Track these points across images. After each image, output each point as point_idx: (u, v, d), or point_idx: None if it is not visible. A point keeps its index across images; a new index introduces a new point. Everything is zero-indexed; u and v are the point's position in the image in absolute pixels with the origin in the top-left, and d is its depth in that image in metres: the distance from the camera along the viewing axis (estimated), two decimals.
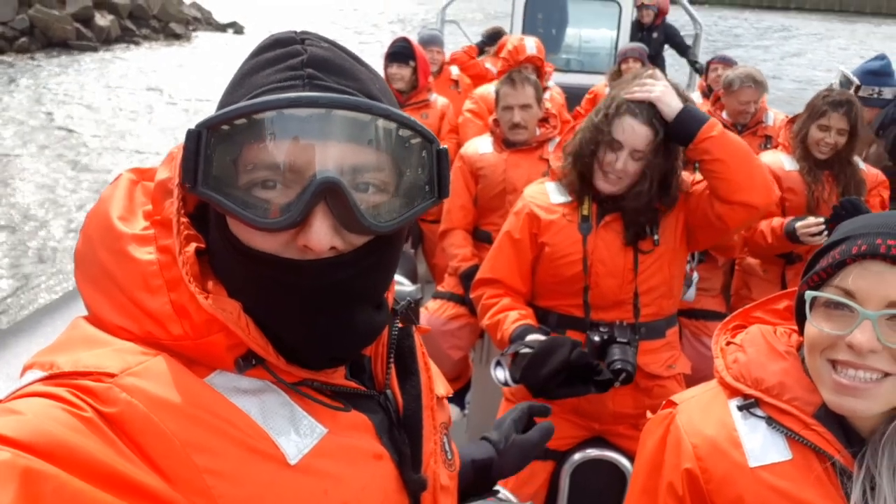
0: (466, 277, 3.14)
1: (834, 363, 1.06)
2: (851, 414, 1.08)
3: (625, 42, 6.49)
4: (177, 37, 20.25)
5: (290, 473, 0.71)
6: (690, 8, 7.05)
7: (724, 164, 1.97)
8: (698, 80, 6.78)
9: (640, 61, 5.12)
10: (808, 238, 2.76)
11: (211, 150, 0.69)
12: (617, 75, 4.92)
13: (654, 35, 7.17)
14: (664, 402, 1.31)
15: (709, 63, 5.46)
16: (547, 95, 3.97)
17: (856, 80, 3.56)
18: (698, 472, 1.14)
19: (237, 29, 22.97)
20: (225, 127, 0.69)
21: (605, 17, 6.89)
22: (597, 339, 2.09)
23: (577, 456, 2.24)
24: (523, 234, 2.19)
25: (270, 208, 0.69)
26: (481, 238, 3.36)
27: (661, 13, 7.31)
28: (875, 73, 3.57)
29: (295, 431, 0.73)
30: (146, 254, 0.73)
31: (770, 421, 1.13)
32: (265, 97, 0.69)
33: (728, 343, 1.27)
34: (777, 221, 2.93)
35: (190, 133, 0.69)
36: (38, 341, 1.92)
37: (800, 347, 1.19)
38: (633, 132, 1.98)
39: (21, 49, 15.84)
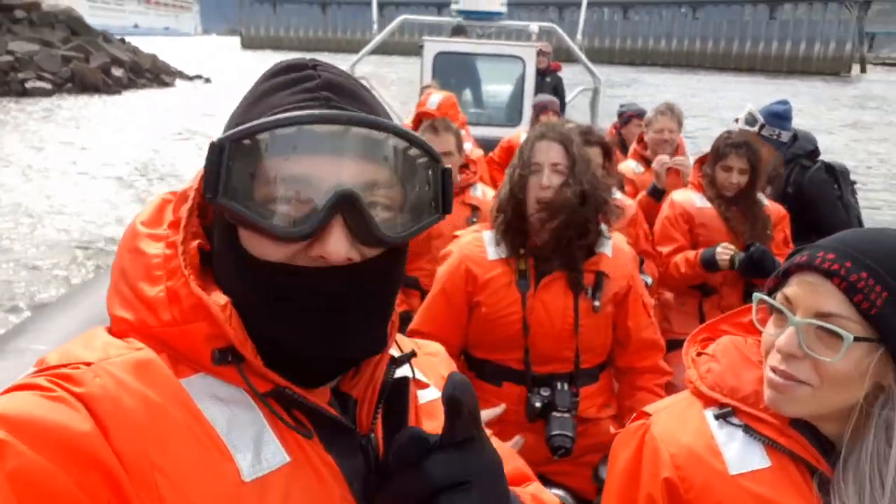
0: None
1: (772, 367, 1.08)
2: (782, 412, 1.09)
3: (530, 94, 6.49)
4: (165, 83, 26.68)
5: (240, 490, 0.69)
6: (589, 63, 7.19)
7: None
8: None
9: (557, 114, 4.97)
10: (724, 261, 2.90)
11: (233, 162, 0.70)
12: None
13: (547, 79, 7.31)
14: (635, 415, 1.29)
15: (629, 116, 5.05)
16: (468, 147, 3.91)
17: (761, 119, 3.52)
18: (678, 481, 1.12)
19: (205, 79, 29.48)
20: (247, 141, 0.70)
21: (511, 72, 6.89)
22: (538, 404, 2.05)
23: None
24: (457, 291, 2.12)
25: (288, 219, 0.71)
26: (408, 284, 3.22)
27: (554, 62, 7.59)
28: (778, 116, 3.55)
29: (255, 451, 0.71)
30: (155, 248, 0.77)
31: (747, 429, 1.11)
32: (288, 114, 0.71)
33: (699, 354, 1.26)
34: (690, 253, 3.05)
35: (213, 145, 0.70)
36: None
37: None
38: (547, 149, 2.04)
39: (66, 92, 21.87)
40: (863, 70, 56.14)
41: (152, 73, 26.79)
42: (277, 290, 0.72)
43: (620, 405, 2.26)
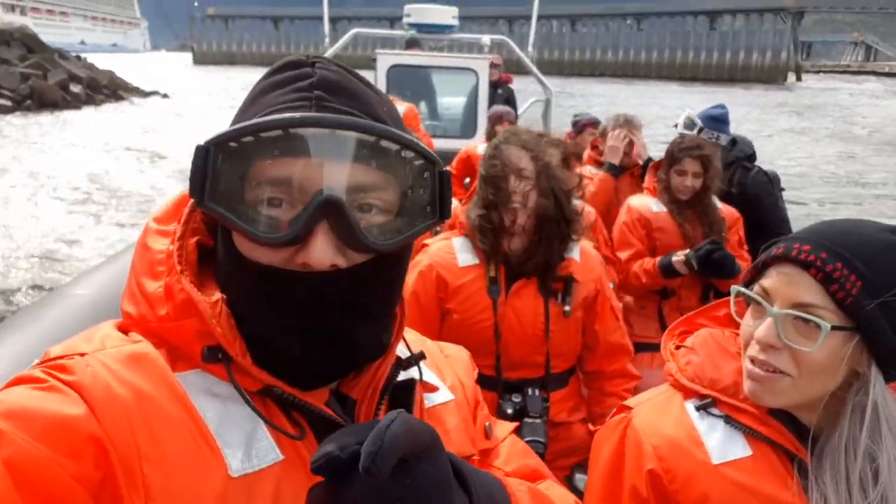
0: None
1: (751, 358, 1.09)
2: (762, 403, 1.10)
3: (484, 106, 6.54)
4: (123, 99, 26.90)
5: (228, 484, 0.68)
6: (540, 75, 7.29)
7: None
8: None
9: (513, 125, 4.70)
10: (681, 264, 2.92)
11: (218, 166, 0.69)
12: (493, 136, 4.41)
13: (499, 91, 7.42)
14: (615, 409, 1.29)
15: (584, 125, 5.02)
16: None
17: (699, 123, 3.60)
18: (661, 473, 1.12)
19: (163, 94, 29.75)
20: (232, 144, 0.69)
21: (465, 84, 6.90)
22: (509, 410, 2.05)
23: None
24: (429, 297, 2.10)
25: (273, 224, 0.70)
26: None
27: (505, 74, 7.74)
28: (716, 120, 3.63)
29: (247, 448, 0.71)
30: (161, 245, 0.78)
31: (728, 419, 1.13)
32: (271, 116, 0.69)
33: (678, 347, 1.27)
34: (649, 262, 3.07)
35: (198, 149, 0.69)
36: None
37: None
38: (511, 156, 2.05)
39: (25, 109, 21.99)
40: (798, 78, 58.80)
41: (110, 90, 26.88)
42: (266, 291, 0.72)
43: (591, 411, 2.27)
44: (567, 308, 2.10)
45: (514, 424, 1.07)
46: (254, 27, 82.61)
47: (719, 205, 3.19)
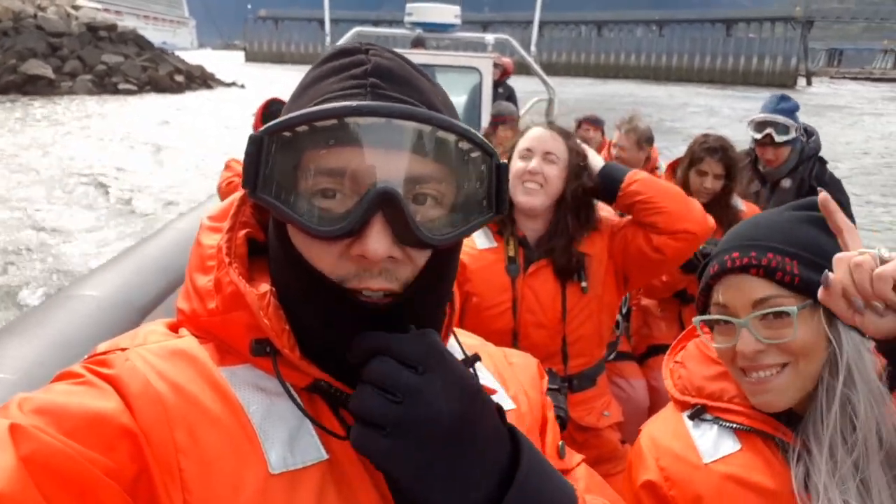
0: None
1: (743, 370, 1.12)
2: (772, 408, 1.12)
3: (488, 104, 6.42)
4: (212, 87, 32.03)
5: (268, 481, 0.66)
6: (543, 74, 7.32)
7: (657, 200, 1.97)
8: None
9: (513, 128, 4.69)
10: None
11: (272, 155, 0.67)
12: (492, 135, 4.90)
13: (500, 90, 7.32)
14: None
15: (579, 122, 5.01)
16: None
17: (791, 122, 3.39)
18: (661, 482, 1.16)
19: (239, 86, 34.65)
20: (286, 133, 0.67)
21: (468, 83, 6.78)
22: None
23: None
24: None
25: (327, 216, 0.67)
26: None
27: (505, 72, 7.55)
28: (788, 112, 3.44)
29: (290, 445, 0.69)
30: (212, 240, 0.77)
31: (717, 420, 1.17)
32: (327, 105, 0.66)
33: (676, 363, 1.30)
34: None
35: (252, 138, 0.67)
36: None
37: None
38: (541, 136, 1.99)
39: (144, 92, 27.21)
40: (808, 83, 62.10)
41: (201, 80, 32.41)
42: (319, 299, 0.70)
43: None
44: (584, 284, 2.03)
45: (582, 456, 1.00)
46: (302, 28, 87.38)
47: (742, 206, 3.06)
